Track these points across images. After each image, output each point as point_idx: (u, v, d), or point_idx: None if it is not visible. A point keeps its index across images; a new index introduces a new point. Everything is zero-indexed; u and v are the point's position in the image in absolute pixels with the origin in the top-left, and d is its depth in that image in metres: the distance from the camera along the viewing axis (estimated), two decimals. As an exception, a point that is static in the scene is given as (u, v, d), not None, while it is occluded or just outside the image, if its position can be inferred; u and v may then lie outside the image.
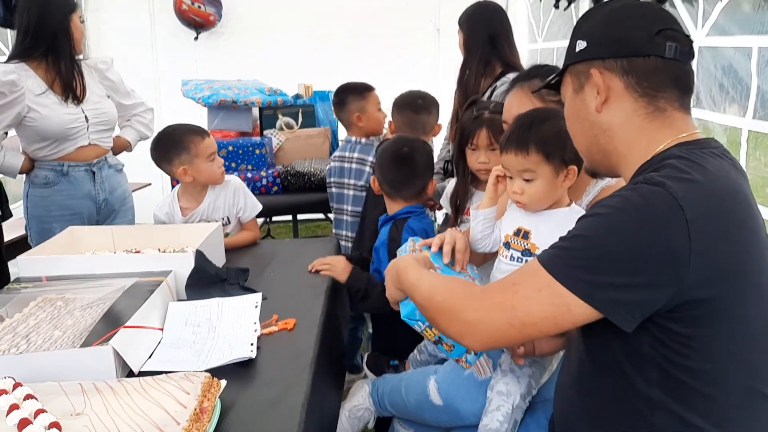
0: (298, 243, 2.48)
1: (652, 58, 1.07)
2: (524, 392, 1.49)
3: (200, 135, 2.25)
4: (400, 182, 2.12)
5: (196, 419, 1.10)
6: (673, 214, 0.93)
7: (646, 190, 0.97)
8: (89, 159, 2.66)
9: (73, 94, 2.55)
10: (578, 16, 3.90)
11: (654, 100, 1.08)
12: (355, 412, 1.85)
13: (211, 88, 3.58)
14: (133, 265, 1.78)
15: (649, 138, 1.09)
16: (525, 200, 1.50)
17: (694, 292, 0.95)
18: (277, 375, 1.38)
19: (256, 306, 1.69)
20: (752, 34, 2.19)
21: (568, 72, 1.19)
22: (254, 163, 3.40)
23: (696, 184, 0.97)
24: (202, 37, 5.05)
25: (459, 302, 1.10)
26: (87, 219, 2.67)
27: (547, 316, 1.01)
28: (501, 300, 1.05)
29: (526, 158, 1.45)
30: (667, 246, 0.93)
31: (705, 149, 1.05)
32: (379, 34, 5.14)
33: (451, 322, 1.11)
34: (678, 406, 1.02)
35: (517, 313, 1.03)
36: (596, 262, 0.97)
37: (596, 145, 1.16)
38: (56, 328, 1.43)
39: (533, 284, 1.02)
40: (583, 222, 1.03)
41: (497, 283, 1.12)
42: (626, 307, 0.97)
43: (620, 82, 1.09)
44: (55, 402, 1.13)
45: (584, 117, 1.15)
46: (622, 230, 0.96)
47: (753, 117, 2.18)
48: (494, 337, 1.07)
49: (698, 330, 0.98)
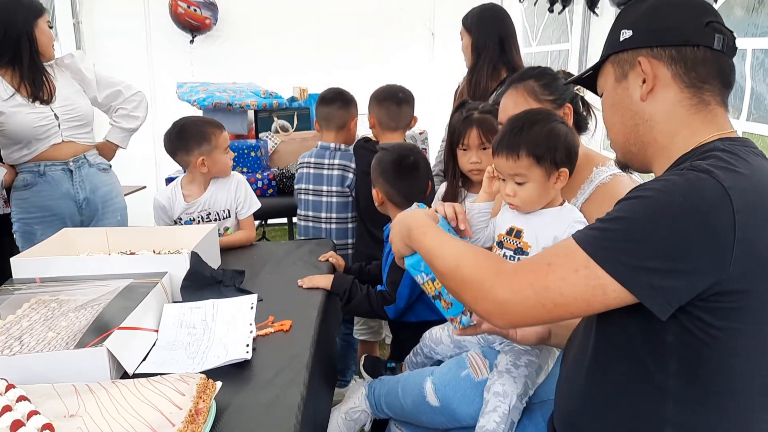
0: (293, 245, 2.47)
1: (701, 48, 1.06)
2: (521, 393, 1.48)
3: (219, 128, 2.38)
4: (413, 192, 2.09)
5: (191, 421, 1.09)
6: (721, 202, 0.92)
7: (693, 176, 0.95)
8: (65, 157, 2.63)
9: (39, 96, 2.54)
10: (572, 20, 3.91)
11: (699, 91, 1.07)
12: (351, 415, 1.84)
13: (207, 90, 3.58)
14: (128, 267, 1.77)
15: (690, 131, 1.08)
16: (517, 202, 1.51)
17: (733, 284, 0.94)
18: (272, 376, 1.38)
19: (251, 307, 1.68)
20: (746, 37, 2.21)
21: (609, 61, 1.17)
22: (249, 166, 3.39)
23: (743, 176, 0.96)
24: (198, 40, 5.04)
25: (488, 279, 1.07)
26: (69, 220, 2.64)
27: (581, 297, 0.98)
28: (534, 280, 1.02)
29: (517, 162, 1.46)
30: (713, 234, 0.92)
31: (747, 147, 1.04)
32: (374, 38, 5.15)
33: (478, 298, 1.08)
34: (693, 399, 1.01)
35: (550, 294, 1.00)
36: (638, 246, 0.95)
37: (635, 135, 1.14)
38: (50, 329, 1.42)
39: (569, 264, 0.99)
40: (626, 204, 1.00)
41: (529, 261, 1.08)
42: (665, 293, 0.94)
43: (667, 71, 1.08)
44: (49, 404, 1.12)
45: (626, 106, 1.14)
46: (667, 214, 0.94)
47: (747, 119, 2.19)
48: (524, 317, 1.05)
49: (729, 323, 0.97)
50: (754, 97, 2.16)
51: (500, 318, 1.07)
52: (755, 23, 2.20)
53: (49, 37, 2.56)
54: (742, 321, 0.97)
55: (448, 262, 1.15)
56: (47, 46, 2.56)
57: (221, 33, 5.13)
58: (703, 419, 1.01)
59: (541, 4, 3.86)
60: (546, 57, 4.42)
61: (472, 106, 2.18)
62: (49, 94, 2.57)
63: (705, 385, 1.00)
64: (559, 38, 4.23)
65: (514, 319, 1.07)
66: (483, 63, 2.71)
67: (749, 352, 0.99)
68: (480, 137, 2.09)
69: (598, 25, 3.29)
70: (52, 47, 2.58)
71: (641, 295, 0.95)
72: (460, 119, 2.15)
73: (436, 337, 1.84)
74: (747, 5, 2.29)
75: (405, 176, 2.09)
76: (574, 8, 3.79)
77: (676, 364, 1.00)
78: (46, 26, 2.54)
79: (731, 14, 2.37)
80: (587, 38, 3.61)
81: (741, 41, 2.22)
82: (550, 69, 1.75)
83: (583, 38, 3.64)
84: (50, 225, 2.58)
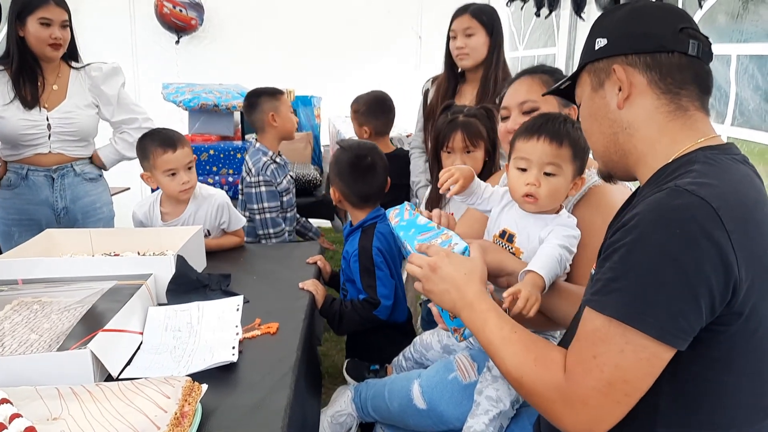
0: (281, 247, 2.46)
1: (676, 54, 1.05)
2: (513, 399, 1.48)
3: (162, 148, 2.16)
4: (369, 193, 2.12)
5: (177, 424, 1.08)
6: (716, 224, 0.90)
7: (680, 203, 0.92)
8: (49, 165, 2.58)
9: (24, 97, 2.47)
10: (559, 24, 3.94)
11: (677, 97, 1.06)
12: (337, 418, 1.83)
13: (192, 91, 3.55)
14: (112, 269, 1.75)
15: (670, 138, 1.06)
16: (541, 193, 1.42)
17: (740, 304, 0.93)
18: (259, 379, 1.36)
19: (237, 309, 1.67)
20: (731, 42, 2.23)
21: (585, 71, 1.17)
22: (236, 168, 3.37)
23: (727, 192, 0.94)
24: (184, 41, 5.02)
25: (553, 405, 1.02)
26: (46, 227, 2.48)
27: (642, 373, 0.95)
28: (594, 383, 0.96)
29: (559, 149, 1.40)
30: (720, 254, 0.90)
31: (728, 155, 1.03)
32: (361, 40, 5.15)
33: (555, 420, 1.03)
34: (684, 418, 1.00)
35: (617, 388, 0.95)
36: (657, 296, 0.91)
37: (615, 144, 1.13)
38: (32, 331, 1.40)
39: (613, 348, 0.95)
40: (626, 252, 0.95)
41: (578, 364, 1.00)
42: (690, 331, 0.93)
43: (643, 78, 1.07)
44: (31, 407, 1.10)
45: (603, 115, 1.13)
46: (671, 253, 0.90)
47: (731, 124, 2.21)
48: (610, 420, 0.98)
49: (725, 343, 0.96)
50: (738, 102, 2.18)
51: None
52: (740, 29, 2.22)
53: (41, 35, 2.44)
54: (738, 341, 0.96)
55: (510, 371, 1.10)
56: (39, 48, 2.47)
57: (207, 34, 5.11)
58: None
59: (528, 8, 3.88)
60: (533, 61, 4.45)
61: (457, 109, 2.18)
62: (34, 98, 2.48)
63: (695, 403, 0.99)
64: (546, 42, 4.25)
65: (605, 427, 1.00)
66: (499, 59, 2.68)
67: (742, 371, 0.98)
68: (464, 140, 2.10)
69: (585, 29, 3.31)
70: (48, 48, 2.47)
71: (679, 345, 0.93)
72: (445, 122, 2.16)
73: (427, 342, 1.84)
74: (731, 11, 2.31)
75: (361, 177, 2.10)
76: (560, 12, 3.82)
77: (669, 385, 0.98)
78: (37, 24, 2.43)
79: (716, 20, 2.40)
80: (574, 43, 3.64)
81: (725, 47, 2.25)
82: (559, 69, 1.75)
83: (569, 43, 3.67)
84: (28, 229, 2.54)
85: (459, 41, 2.64)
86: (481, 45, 2.65)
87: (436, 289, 1.25)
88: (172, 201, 2.29)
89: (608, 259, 0.98)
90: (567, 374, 1.01)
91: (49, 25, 2.45)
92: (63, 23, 2.49)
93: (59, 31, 2.48)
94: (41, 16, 2.43)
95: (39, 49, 2.48)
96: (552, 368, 1.03)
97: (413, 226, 1.48)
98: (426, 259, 1.28)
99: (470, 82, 2.76)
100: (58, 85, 2.58)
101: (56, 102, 2.55)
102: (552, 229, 1.43)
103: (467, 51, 2.65)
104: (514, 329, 1.13)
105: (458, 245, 1.31)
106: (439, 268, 1.25)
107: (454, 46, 2.68)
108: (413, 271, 1.29)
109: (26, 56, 2.48)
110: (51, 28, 2.46)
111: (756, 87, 2.12)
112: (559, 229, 1.43)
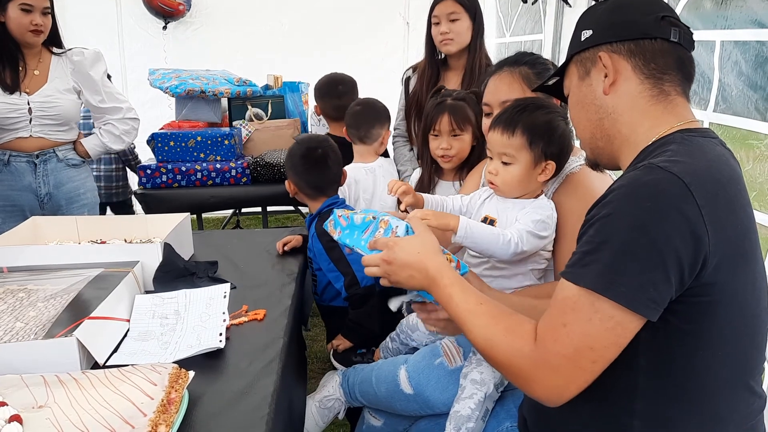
0: (267, 233, 2.46)
1: (659, 40, 1.10)
2: (498, 382, 1.50)
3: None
4: (322, 184, 2.14)
5: (164, 410, 1.08)
6: (687, 198, 0.94)
7: (653, 179, 0.96)
8: (31, 150, 2.56)
9: (9, 85, 2.46)
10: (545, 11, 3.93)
11: (659, 82, 1.11)
12: (325, 403, 1.85)
13: (179, 77, 3.52)
14: (99, 256, 1.74)
15: (652, 122, 1.11)
16: (498, 182, 1.50)
17: (709, 276, 0.95)
18: (246, 366, 1.37)
19: (224, 296, 1.67)
20: (715, 29, 2.24)
21: (572, 62, 1.21)
22: (223, 154, 3.36)
23: (700, 169, 0.98)
24: (171, 26, 4.97)
25: (523, 372, 1.04)
26: (29, 213, 2.54)
27: (609, 342, 0.97)
28: (561, 349, 0.99)
29: (510, 140, 1.46)
30: (690, 227, 0.93)
31: (705, 137, 1.07)
32: (349, 27, 5.12)
33: (524, 388, 1.07)
34: (661, 392, 1.02)
35: (583, 355, 0.98)
36: (629, 265, 0.94)
37: (600, 129, 1.17)
38: (18, 319, 1.40)
39: (581, 317, 0.98)
40: (601, 225, 0.99)
41: (548, 330, 1.03)
42: (660, 301, 0.95)
43: (627, 64, 1.12)
44: (17, 395, 1.11)
45: (590, 101, 1.17)
46: (643, 225, 0.94)
47: (714, 110, 2.22)
48: (576, 387, 1.01)
49: (698, 316, 0.99)
50: (721, 88, 2.19)
51: (560, 400, 1.03)
52: (724, 15, 2.23)
53: (22, 22, 2.43)
54: (711, 314, 0.99)
55: (479, 341, 1.12)
56: (20, 34, 2.46)
57: (195, 19, 5.06)
58: (671, 411, 1.03)
59: (515, -6, 3.87)
60: (519, 47, 4.43)
61: (447, 93, 2.19)
62: (14, 83, 2.47)
63: (673, 378, 1.02)
64: (533, 29, 4.24)
65: (568, 395, 1.02)
66: (482, 45, 2.69)
67: (718, 345, 1.01)
68: (451, 123, 2.10)
69: (572, 16, 3.31)
70: (29, 34, 2.46)
71: (649, 314, 0.96)
72: (433, 105, 2.16)
73: (413, 323, 1.85)
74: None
75: (312, 169, 2.13)
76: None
77: (646, 360, 1.02)
78: (18, 10, 2.42)
79: (701, 7, 2.40)
80: (560, 29, 3.63)
81: (710, 33, 2.26)
82: (542, 57, 1.75)
83: (556, 29, 3.66)
84: (11, 215, 2.53)
85: (443, 26, 2.63)
86: (465, 30, 2.64)
87: (401, 279, 1.24)
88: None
89: (585, 233, 1.02)
90: (537, 342, 1.04)
91: (30, 12, 2.44)
92: (44, 9, 2.48)
93: (40, 18, 2.46)
94: (22, 2, 2.42)
95: (20, 35, 2.46)
96: (524, 337, 1.06)
97: (354, 228, 1.42)
98: (377, 256, 1.26)
99: (454, 68, 2.75)
100: (39, 71, 2.57)
101: (37, 86, 2.54)
102: (528, 211, 1.47)
103: (452, 36, 2.64)
104: (480, 301, 1.15)
105: (399, 227, 1.29)
106: (393, 260, 1.23)
107: (437, 31, 2.67)
108: (373, 273, 1.28)
109: (7, 42, 2.46)
110: (32, 14, 2.44)
111: (739, 73, 2.14)
112: (531, 210, 1.47)
